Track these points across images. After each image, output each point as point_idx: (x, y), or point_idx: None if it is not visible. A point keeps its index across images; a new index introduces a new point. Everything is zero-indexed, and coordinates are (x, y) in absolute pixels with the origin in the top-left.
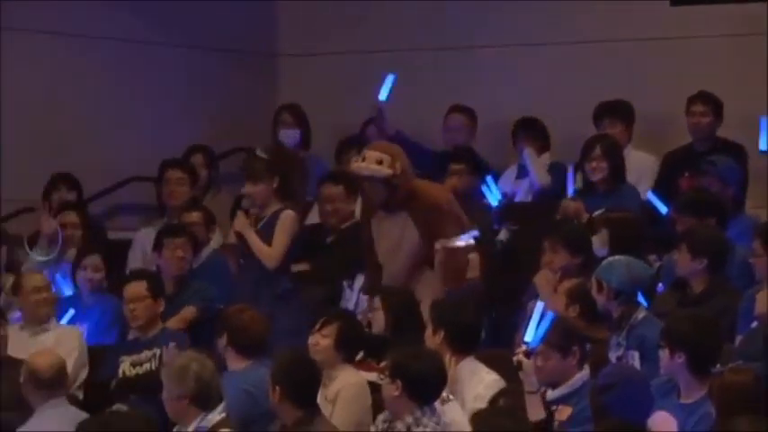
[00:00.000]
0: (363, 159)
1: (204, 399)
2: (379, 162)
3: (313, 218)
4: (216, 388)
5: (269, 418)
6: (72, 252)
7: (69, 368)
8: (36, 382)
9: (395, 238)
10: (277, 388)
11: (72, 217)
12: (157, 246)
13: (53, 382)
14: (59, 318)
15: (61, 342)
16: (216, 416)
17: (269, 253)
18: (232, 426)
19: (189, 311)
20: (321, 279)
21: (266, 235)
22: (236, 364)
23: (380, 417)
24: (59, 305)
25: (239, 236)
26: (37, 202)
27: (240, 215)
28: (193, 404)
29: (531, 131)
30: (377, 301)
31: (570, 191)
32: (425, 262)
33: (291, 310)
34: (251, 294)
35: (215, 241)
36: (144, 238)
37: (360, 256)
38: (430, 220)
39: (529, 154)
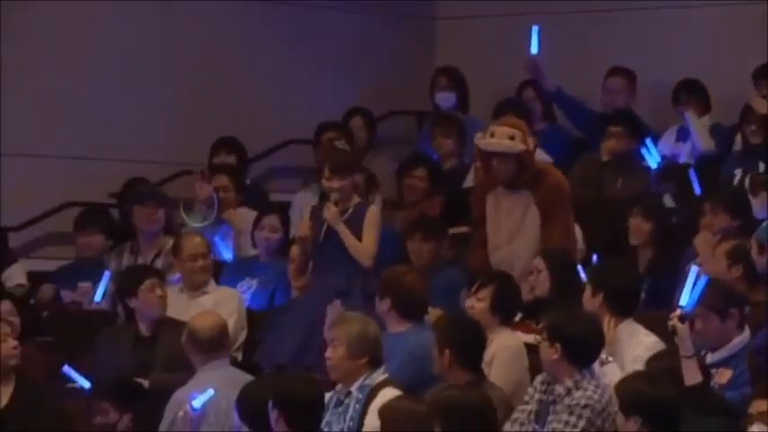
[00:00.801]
0: (492, 135)
1: (379, 359)
2: (511, 138)
3: (471, 180)
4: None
5: (433, 381)
6: (229, 213)
7: (229, 330)
8: (197, 344)
9: (517, 217)
10: (446, 352)
11: (224, 180)
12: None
13: (214, 344)
14: (230, 282)
15: (221, 304)
16: (380, 376)
17: (365, 250)
18: (397, 387)
19: None
20: None
21: (353, 228)
22: (397, 326)
23: (538, 378)
24: (235, 266)
25: (328, 228)
26: (201, 166)
27: (333, 208)
28: (369, 364)
29: (692, 93)
30: (540, 263)
31: (698, 191)
32: (544, 243)
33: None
34: (344, 288)
35: (376, 204)
36: (302, 200)
37: None
38: (551, 202)
39: (690, 116)
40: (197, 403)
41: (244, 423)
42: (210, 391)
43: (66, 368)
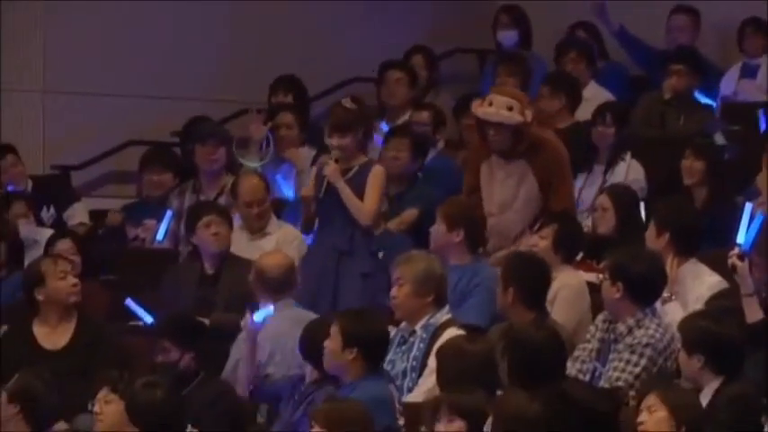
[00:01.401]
0: (490, 104)
1: (444, 298)
2: (510, 108)
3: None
4: None
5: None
6: (290, 152)
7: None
8: (265, 283)
9: (511, 188)
10: (510, 289)
11: (287, 118)
12: (383, 145)
13: (282, 283)
14: (291, 220)
15: (281, 246)
16: (444, 315)
17: (365, 209)
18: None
19: (410, 214)
20: None
21: (355, 188)
22: (460, 259)
23: (600, 317)
24: (296, 204)
25: (328, 185)
26: (263, 105)
27: (333, 165)
28: (434, 303)
29: (757, 31)
30: (606, 201)
31: (763, 127)
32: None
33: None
34: (346, 247)
35: (441, 143)
36: None
37: None
38: (552, 173)
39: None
40: (258, 317)
41: (307, 361)
42: (270, 308)
43: (128, 302)
